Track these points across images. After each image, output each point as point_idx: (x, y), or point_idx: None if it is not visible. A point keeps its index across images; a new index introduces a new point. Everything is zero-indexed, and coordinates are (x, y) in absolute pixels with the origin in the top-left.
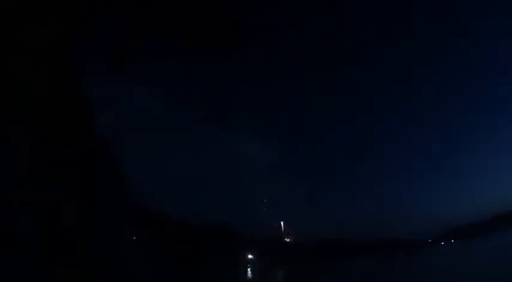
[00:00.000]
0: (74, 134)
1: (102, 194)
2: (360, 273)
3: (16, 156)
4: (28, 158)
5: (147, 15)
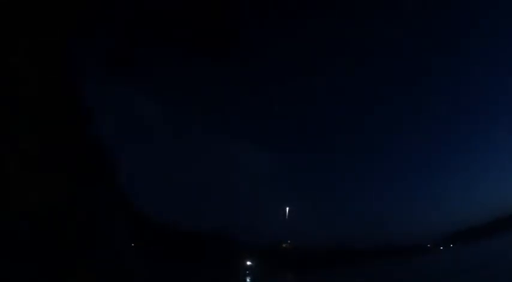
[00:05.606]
0: (73, 139)
1: (100, 200)
2: (359, 279)
3: (16, 160)
4: (28, 163)
5: (147, 22)
